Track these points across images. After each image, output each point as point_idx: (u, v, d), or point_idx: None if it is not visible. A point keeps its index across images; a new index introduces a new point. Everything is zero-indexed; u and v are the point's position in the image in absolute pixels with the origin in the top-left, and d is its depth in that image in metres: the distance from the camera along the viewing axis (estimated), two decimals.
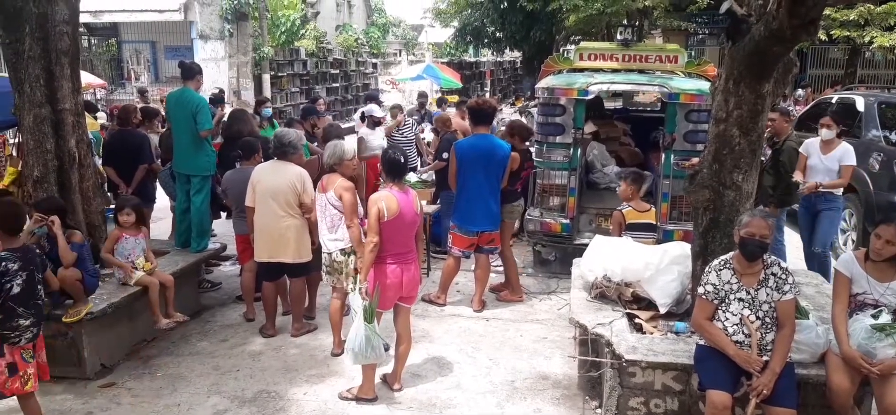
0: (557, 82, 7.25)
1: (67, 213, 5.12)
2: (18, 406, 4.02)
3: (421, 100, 12.64)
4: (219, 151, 6.58)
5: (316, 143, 7.52)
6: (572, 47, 9.53)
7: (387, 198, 4.44)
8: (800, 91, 15.55)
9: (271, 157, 5.67)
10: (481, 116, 6.29)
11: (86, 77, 15.84)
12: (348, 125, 22.06)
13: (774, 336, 3.79)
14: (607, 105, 11.12)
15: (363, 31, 31.05)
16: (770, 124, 6.39)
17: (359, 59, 28.06)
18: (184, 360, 5.32)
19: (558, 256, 7.39)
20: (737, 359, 3.76)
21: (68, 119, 5.48)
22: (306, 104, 13.65)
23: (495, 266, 7.04)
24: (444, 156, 7.66)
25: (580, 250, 5.66)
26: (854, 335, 3.83)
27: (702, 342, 3.97)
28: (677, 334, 4.47)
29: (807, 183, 6.25)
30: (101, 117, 11.62)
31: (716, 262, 3.96)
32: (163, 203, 8.09)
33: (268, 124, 8.80)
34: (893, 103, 8.28)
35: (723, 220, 4.35)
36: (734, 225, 3.98)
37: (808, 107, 10.80)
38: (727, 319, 3.85)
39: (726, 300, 3.86)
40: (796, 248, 7.58)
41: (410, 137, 10.04)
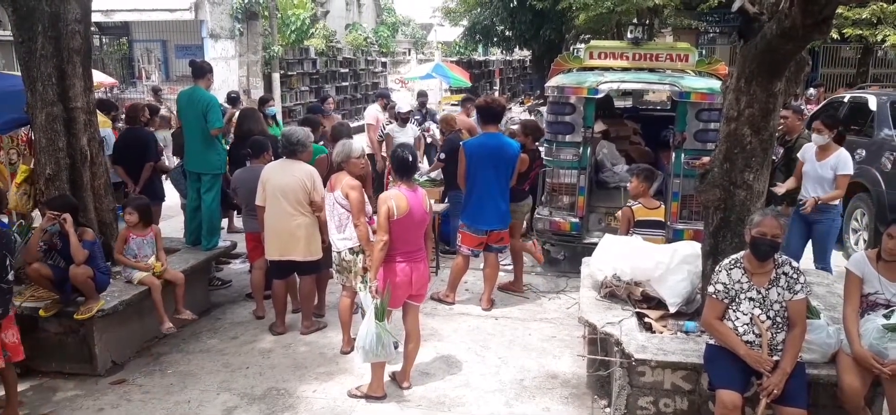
0: (567, 81, 7.24)
1: (79, 210, 5.16)
2: None
3: (421, 99, 12.61)
4: (230, 149, 6.60)
5: (322, 142, 7.52)
6: (582, 46, 9.49)
7: (396, 196, 4.45)
8: (812, 90, 15.42)
9: (279, 155, 5.68)
10: (490, 114, 6.29)
11: (97, 76, 15.93)
12: (357, 124, 22.14)
13: (785, 336, 3.77)
14: (617, 104, 11.09)
15: (372, 30, 31.06)
16: (782, 122, 6.36)
17: (368, 58, 28.07)
18: (194, 357, 5.35)
19: (568, 255, 7.38)
20: (747, 359, 3.74)
21: (80, 117, 5.51)
22: (313, 103, 13.70)
23: (504, 265, 7.04)
24: (442, 156, 7.68)
25: (589, 249, 5.64)
26: (866, 335, 3.81)
27: (712, 342, 3.96)
28: (687, 333, 4.45)
29: (805, 199, 6.03)
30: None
31: (726, 261, 3.94)
32: (174, 200, 8.14)
33: (272, 123, 8.82)
34: None
35: (733, 219, 4.33)
36: (745, 224, 3.97)
37: (820, 106, 10.73)
38: (738, 318, 3.83)
39: (737, 300, 3.84)
40: (807, 248, 7.54)
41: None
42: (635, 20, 18.36)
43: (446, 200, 7.75)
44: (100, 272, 4.95)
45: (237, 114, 7.46)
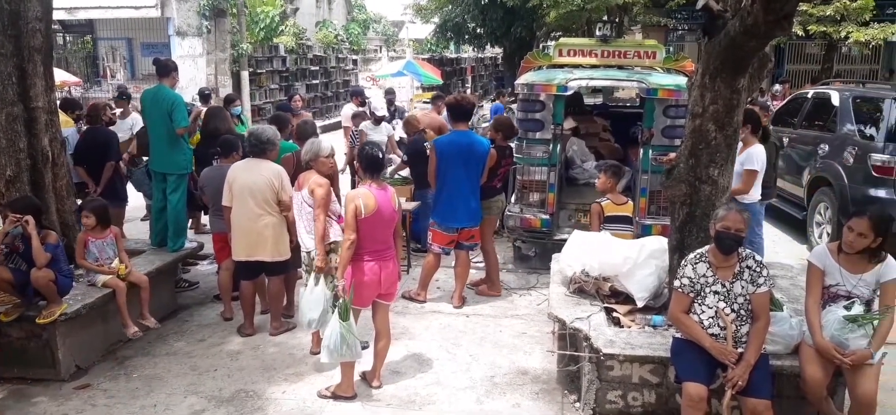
0: (537, 78, 7.27)
1: (42, 212, 5.05)
2: None
3: (389, 96, 12.56)
4: (196, 148, 6.51)
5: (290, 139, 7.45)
6: (552, 43, 9.55)
7: (364, 195, 4.42)
8: (777, 86, 15.70)
9: (246, 154, 5.62)
10: (460, 112, 6.29)
11: (61, 75, 15.68)
12: (331, 122, 21.98)
13: (749, 328, 3.83)
14: (587, 101, 11.17)
15: (343, 27, 30.94)
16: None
17: (339, 55, 27.93)
18: (160, 360, 5.27)
19: (538, 251, 7.41)
20: (712, 351, 3.79)
21: (41, 117, 5.40)
22: (283, 102, 13.58)
23: (476, 262, 7.05)
24: (406, 158, 7.69)
25: (560, 246, 5.67)
26: (827, 327, 3.88)
27: (678, 335, 4.01)
28: (654, 327, 4.51)
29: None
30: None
31: (692, 255, 3.99)
32: (138, 202, 8.01)
33: (238, 122, 8.73)
34: (868, 98, 8.39)
35: (699, 214, 4.39)
36: (710, 219, 4.02)
37: (785, 102, 10.93)
38: (703, 311, 3.89)
39: (702, 293, 3.89)
40: (772, 242, 7.68)
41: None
42: (605, 17, 18.50)
43: (415, 200, 7.74)
44: (62, 275, 4.85)
45: (203, 111, 7.36)
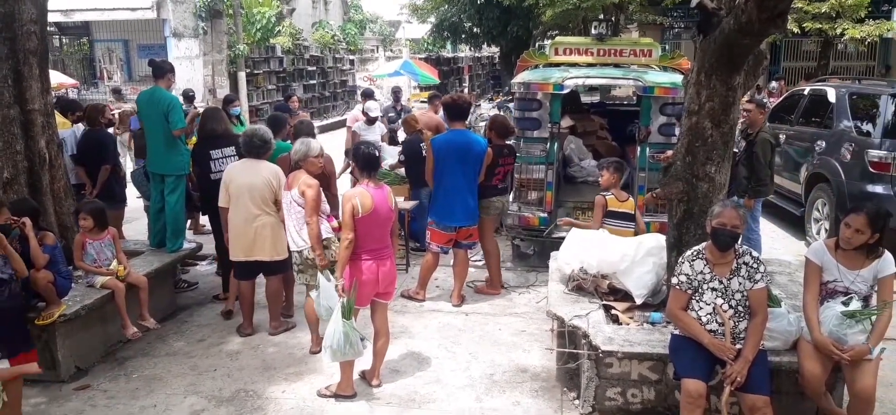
0: (533, 77, 7.28)
1: (40, 214, 5.05)
2: None
3: (396, 94, 12.57)
4: (193, 149, 6.50)
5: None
6: (548, 42, 9.56)
7: (361, 194, 4.43)
8: (774, 83, 15.74)
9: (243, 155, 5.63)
10: (457, 111, 6.30)
11: (57, 77, 15.65)
12: (329, 122, 21.98)
13: (747, 325, 3.84)
14: (584, 99, 11.18)
15: (340, 27, 30.90)
16: (745, 116, 6.47)
17: (336, 55, 27.92)
18: (160, 360, 5.27)
19: (536, 249, 7.42)
20: (711, 347, 3.81)
21: (38, 120, 5.40)
22: (281, 102, 13.59)
23: (474, 261, 7.06)
24: (402, 158, 7.70)
25: (558, 244, 5.68)
26: (825, 322, 3.89)
27: (677, 332, 4.02)
28: (653, 324, 4.52)
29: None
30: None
31: (689, 252, 4.00)
32: (138, 203, 8.01)
33: (237, 122, 8.73)
34: (864, 94, 8.41)
35: (696, 211, 4.40)
36: (707, 216, 4.03)
37: (782, 99, 10.95)
38: (701, 308, 3.90)
39: (700, 290, 3.90)
40: (770, 238, 7.70)
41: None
42: (601, 16, 18.51)
43: (412, 199, 7.75)
44: (61, 277, 4.85)
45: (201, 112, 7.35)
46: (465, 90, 28.70)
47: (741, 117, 6.02)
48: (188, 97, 11.36)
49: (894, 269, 3.93)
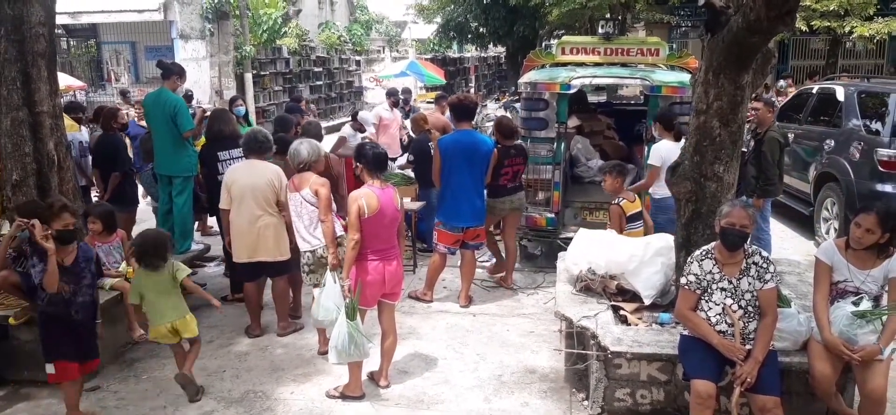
0: (540, 77, 7.26)
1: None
2: None
3: (404, 96, 12.58)
4: (201, 150, 6.53)
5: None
6: (555, 42, 9.54)
7: (367, 195, 4.43)
8: (782, 82, 15.66)
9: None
10: (463, 111, 6.30)
11: (65, 79, 15.70)
12: (340, 122, 22.00)
13: (757, 325, 3.82)
14: (591, 99, 11.16)
15: (346, 28, 30.94)
16: (754, 115, 6.44)
17: (342, 56, 27.95)
18: (169, 362, 5.25)
19: (544, 250, 7.42)
20: (720, 348, 3.79)
21: (46, 122, 5.41)
22: (290, 103, 13.62)
23: (482, 262, 7.06)
24: (411, 158, 7.69)
25: (566, 244, 5.68)
26: (835, 323, 3.87)
27: (686, 333, 4.00)
28: (662, 324, 4.50)
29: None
30: None
31: (698, 252, 3.99)
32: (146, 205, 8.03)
33: (243, 122, 8.76)
34: (873, 92, 8.37)
35: (705, 211, 4.38)
36: (716, 216, 4.01)
37: (790, 97, 10.90)
38: (710, 308, 3.88)
39: (709, 290, 3.88)
40: (779, 238, 7.67)
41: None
42: (607, 15, 18.48)
43: (419, 199, 7.75)
44: None
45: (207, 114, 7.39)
46: (472, 90, 28.70)
47: (749, 116, 6.01)
48: (187, 97, 11.41)
49: None
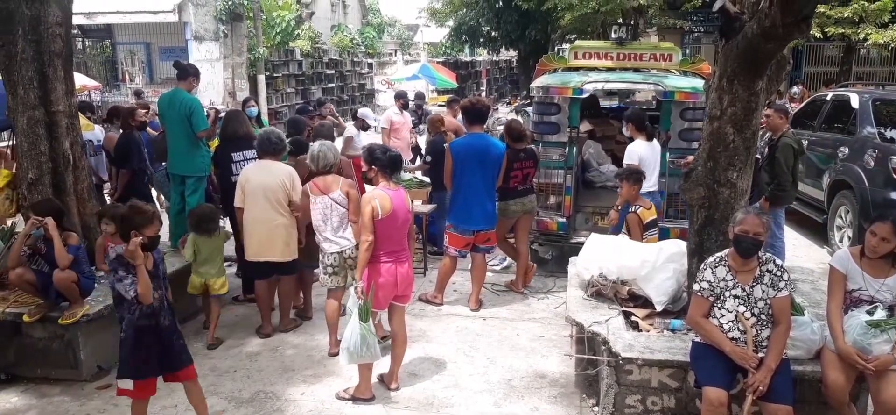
0: (552, 81, 7.26)
1: (64, 215, 5.11)
2: None
3: (418, 100, 12.60)
4: (214, 151, 6.56)
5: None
6: (567, 46, 9.53)
7: (380, 196, 4.44)
8: (795, 88, 15.58)
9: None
10: (475, 115, 6.30)
11: (80, 79, 15.82)
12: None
13: (770, 333, 3.80)
14: (603, 104, 11.13)
15: (358, 31, 31.01)
16: (765, 122, 6.40)
17: (354, 59, 28.03)
18: None
19: (555, 254, 7.40)
20: (733, 355, 3.76)
21: (62, 121, 5.47)
22: (302, 104, 13.68)
23: (492, 265, 7.05)
24: (429, 159, 7.68)
25: (577, 249, 5.66)
26: (849, 332, 3.84)
27: (698, 340, 3.98)
28: (673, 331, 4.48)
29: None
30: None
31: (711, 259, 3.96)
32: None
33: (256, 124, 8.79)
34: (888, 100, 8.31)
35: (718, 217, 4.36)
36: (729, 222, 3.99)
37: (804, 104, 10.83)
38: (723, 315, 3.86)
39: (722, 297, 3.86)
40: (792, 246, 7.62)
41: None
42: (620, 20, 18.44)
43: (432, 201, 7.75)
44: (84, 277, 4.90)
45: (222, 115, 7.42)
46: (483, 94, 28.70)
47: (761, 123, 5.98)
48: None
49: None
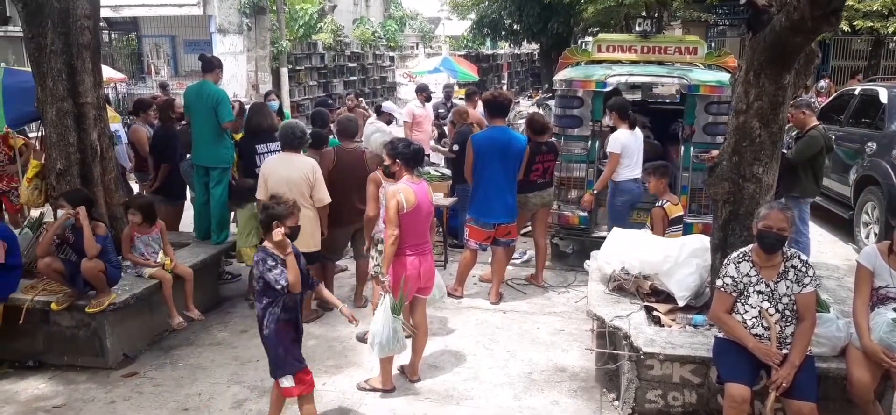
0: (575, 74, 7.22)
1: (94, 204, 5.19)
2: None
3: (447, 91, 12.58)
4: (238, 143, 6.62)
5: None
6: (590, 39, 9.48)
7: (405, 190, 4.46)
8: (822, 83, 15.32)
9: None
10: (497, 108, 6.29)
11: (106, 71, 16.04)
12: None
13: (794, 329, 3.76)
14: (626, 97, 11.06)
15: (380, 24, 31.06)
16: (789, 118, 6.31)
17: (376, 52, 28.09)
18: (204, 350, 5.38)
19: (576, 248, 7.38)
20: (756, 351, 3.73)
21: (90, 113, 5.54)
22: (321, 97, 13.75)
23: (513, 258, 7.03)
24: (456, 148, 7.67)
25: (598, 243, 5.64)
26: (875, 329, 3.79)
27: (721, 335, 3.95)
28: (696, 327, 4.45)
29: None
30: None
31: (735, 254, 3.93)
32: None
33: (277, 117, 8.86)
34: None
35: (743, 212, 4.32)
36: (754, 218, 3.95)
37: (831, 98, 10.66)
38: (746, 311, 3.83)
39: (745, 293, 3.83)
40: (817, 242, 7.52)
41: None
42: (644, 13, 18.27)
43: (455, 194, 7.76)
44: (111, 266, 4.99)
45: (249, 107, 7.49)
46: (504, 87, 28.60)
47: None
48: None
49: None
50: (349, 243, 6.41)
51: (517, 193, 6.32)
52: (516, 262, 7.30)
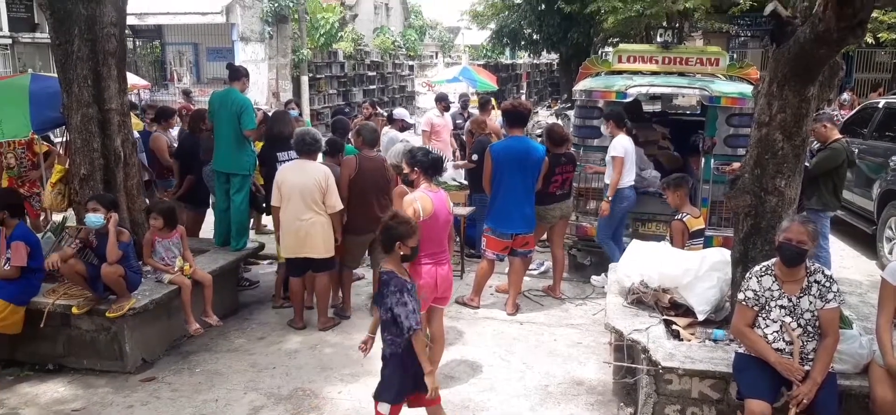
0: (595, 85, 7.20)
1: (118, 208, 5.26)
2: None
3: (463, 100, 12.60)
4: (260, 150, 6.67)
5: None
6: (610, 49, 9.44)
7: (422, 198, 4.46)
8: (845, 95, 15.15)
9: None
10: (516, 117, 6.28)
11: (130, 78, 16.26)
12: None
13: (816, 345, 3.70)
14: (646, 108, 11.00)
15: (400, 33, 31.23)
16: (811, 131, 6.24)
17: (396, 61, 28.23)
18: (222, 356, 5.41)
19: (594, 260, 7.33)
20: (778, 367, 3.68)
21: (114, 119, 5.62)
22: (338, 107, 13.83)
23: (530, 269, 7.00)
24: (475, 158, 7.66)
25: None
26: None
27: (741, 351, 3.90)
28: (716, 341, 4.39)
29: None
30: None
31: (757, 268, 3.88)
32: None
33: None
34: None
35: (764, 226, 4.26)
36: (776, 231, 3.90)
37: (854, 111, 10.53)
38: (768, 326, 3.77)
39: (767, 307, 3.78)
40: (839, 257, 7.41)
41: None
42: (665, 24, 18.17)
43: (472, 204, 7.74)
44: (131, 271, 5.03)
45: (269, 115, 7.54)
46: (523, 97, 28.57)
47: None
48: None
49: None
50: (366, 252, 6.42)
51: (536, 205, 6.30)
52: (533, 273, 7.27)
